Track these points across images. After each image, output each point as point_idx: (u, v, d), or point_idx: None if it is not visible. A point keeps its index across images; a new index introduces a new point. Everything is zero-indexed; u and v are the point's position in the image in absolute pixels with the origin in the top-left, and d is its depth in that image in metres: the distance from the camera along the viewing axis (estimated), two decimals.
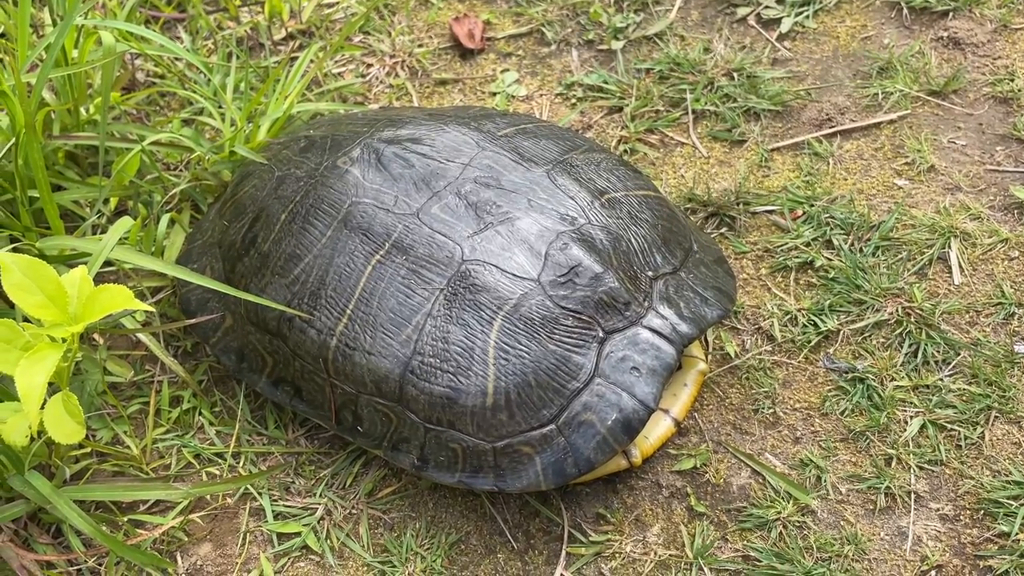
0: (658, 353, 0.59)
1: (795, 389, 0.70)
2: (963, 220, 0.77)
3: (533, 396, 0.58)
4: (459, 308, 0.59)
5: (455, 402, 0.58)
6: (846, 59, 0.92)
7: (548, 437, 0.58)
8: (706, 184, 0.83)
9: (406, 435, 0.60)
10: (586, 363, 0.59)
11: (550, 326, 0.59)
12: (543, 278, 0.60)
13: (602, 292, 0.60)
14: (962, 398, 0.67)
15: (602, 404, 0.58)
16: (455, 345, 0.59)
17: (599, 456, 0.58)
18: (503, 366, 0.58)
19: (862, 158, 0.83)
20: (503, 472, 0.59)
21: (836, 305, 0.73)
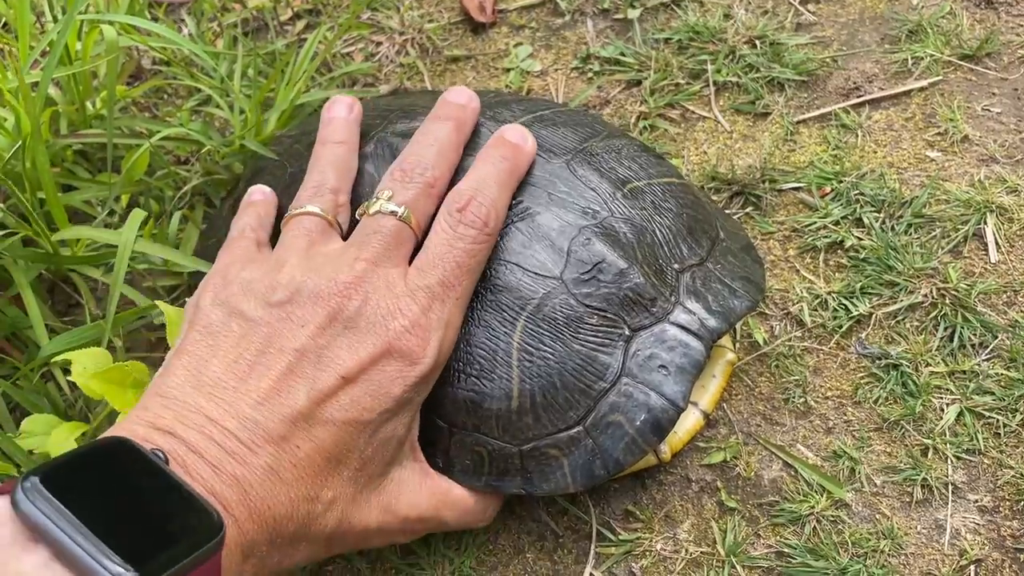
0: (686, 350, 0.58)
1: (826, 377, 0.68)
2: (999, 193, 0.74)
3: (559, 398, 0.57)
4: (480, 309, 0.58)
5: (480, 406, 0.57)
6: (873, 22, 0.88)
7: (575, 439, 0.57)
8: (730, 161, 0.80)
9: (431, 438, 0.59)
10: (612, 363, 0.57)
11: (574, 325, 0.57)
12: (566, 276, 0.58)
13: (627, 288, 0.58)
14: (1000, 384, 0.65)
15: (630, 404, 0.57)
16: (478, 348, 0.57)
17: (628, 457, 0.57)
18: (527, 368, 0.57)
19: (892, 129, 0.80)
20: (530, 475, 0.58)
21: (868, 287, 0.71)
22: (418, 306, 0.53)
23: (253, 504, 0.46)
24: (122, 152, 0.78)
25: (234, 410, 0.48)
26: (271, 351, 0.50)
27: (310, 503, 0.49)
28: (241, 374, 0.50)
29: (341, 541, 0.53)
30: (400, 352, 0.52)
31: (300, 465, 0.48)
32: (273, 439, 0.48)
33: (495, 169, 0.59)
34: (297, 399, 0.49)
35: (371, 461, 0.52)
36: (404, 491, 0.55)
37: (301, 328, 0.51)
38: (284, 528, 0.48)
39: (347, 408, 0.50)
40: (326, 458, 0.49)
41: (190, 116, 0.84)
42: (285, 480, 0.48)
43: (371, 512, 0.53)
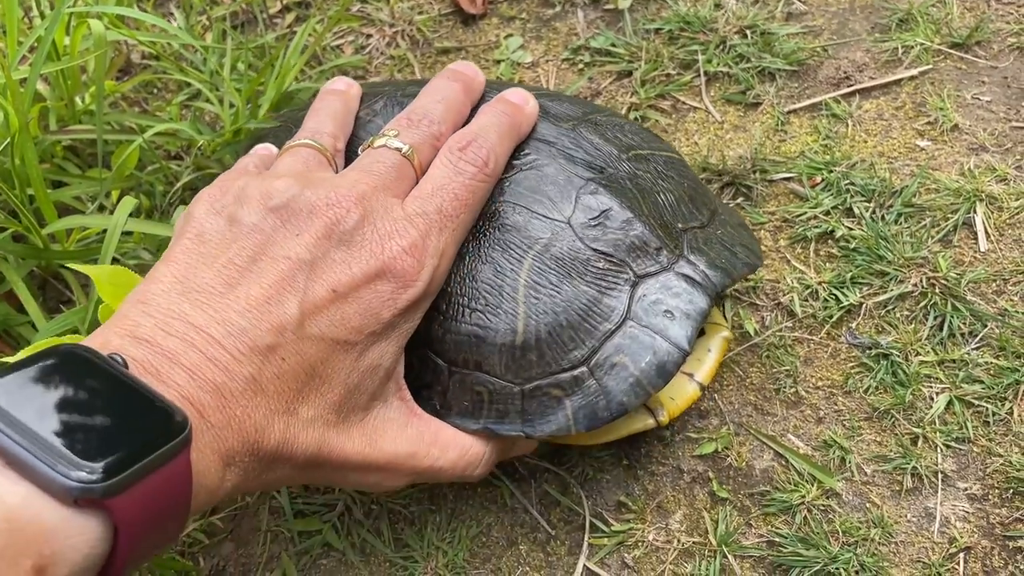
0: (691, 298, 0.57)
1: (817, 367, 0.68)
2: (989, 182, 0.74)
3: (564, 336, 0.56)
4: (488, 247, 0.57)
5: (483, 341, 0.56)
6: (863, 11, 0.88)
7: (579, 379, 0.56)
8: (721, 151, 0.80)
9: (428, 380, 0.58)
10: (618, 305, 0.57)
11: (581, 267, 0.57)
12: (574, 220, 0.58)
13: (633, 236, 0.58)
14: (989, 372, 0.65)
15: (635, 346, 0.56)
16: (484, 283, 0.57)
17: (632, 399, 0.55)
18: (533, 304, 0.56)
19: (882, 118, 0.80)
20: (531, 417, 0.56)
21: (858, 277, 0.71)
22: (416, 231, 0.52)
23: (232, 412, 0.45)
24: (112, 147, 0.78)
25: (221, 316, 0.46)
26: (264, 258, 0.49)
27: (289, 417, 0.47)
28: (231, 280, 0.48)
29: (321, 470, 0.51)
30: (394, 273, 0.50)
31: (283, 378, 0.47)
32: (259, 349, 0.46)
33: (496, 120, 0.59)
34: (288, 309, 0.47)
35: (356, 390, 0.51)
36: (389, 427, 0.53)
37: (296, 237, 0.50)
38: (263, 442, 0.46)
39: (336, 325, 0.49)
40: (310, 374, 0.48)
41: (180, 110, 0.84)
42: (267, 392, 0.46)
43: (352, 442, 0.51)
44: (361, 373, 0.51)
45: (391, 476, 0.54)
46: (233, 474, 0.46)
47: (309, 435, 0.49)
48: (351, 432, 0.51)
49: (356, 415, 0.52)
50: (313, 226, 0.50)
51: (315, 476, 0.53)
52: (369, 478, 0.54)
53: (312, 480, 0.53)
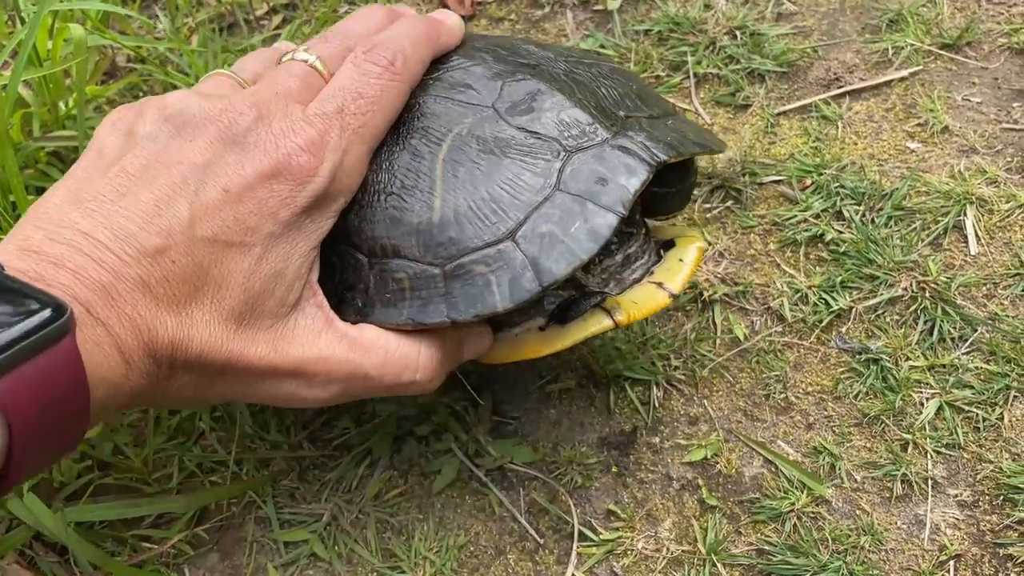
0: (628, 167, 0.53)
1: (807, 372, 0.68)
2: (979, 185, 0.74)
3: (486, 209, 0.52)
4: (406, 136, 0.55)
5: (399, 222, 0.53)
6: (854, 11, 0.88)
7: (504, 252, 0.52)
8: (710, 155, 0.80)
9: (351, 280, 0.55)
10: (547, 177, 0.53)
11: (505, 144, 0.54)
12: (499, 105, 0.55)
13: (565, 115, 0.54)
14: (980, 377, 0.65)
15: (565, 214, 0.52)
16: (401, 169, 0.54)
17: (562, 266, 0.51)
18: (452, 181, 0.53)
19: (872, 120, 0.80)
20: (455, 299, 0.52)
21: (848, 281, 0.70)
22: (314, 129, 0.51)
23: (121, 310, 0.44)
24: None
25: (109, 222, 0.46)
26: (156, 165, 0.48)
27: (182, 318, 0.46)
28: (122, 189, 0.48)
29: (227, 379, 0.50)
30: (291, 171, 0.49)
31: (173, 280, 0.46)
32: (147, 252, 0.46)
33: (408, 28, 0.57)
34: (178, 212, 0.47)
35: (259, 296, 0.49)
36: (299, 332, 0.51)
37: (189, 143, 0.49)
38: (157, 341, 0.45)
39: (230, 226, 0.48)
40: (203, 278, 0.47)
41: None
42: (156, 293, 0.46)
43: (255, 346, 0.49)
44: (263, 278, 0.49)
45: (306, 384, 0.52)
46: (136, 374, 0.45)
47: (204, 337, 0.47)
48: (255, 337, 0.49)
49: (262, 321, 0.50)
50: (207, 132, 0.50)
51: (226, 389, 0.50)
52: (282, 387, 0.52)
53: (226, 395, 0.51)
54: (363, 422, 0.69)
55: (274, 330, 0.50)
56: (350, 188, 0.53)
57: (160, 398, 0.49)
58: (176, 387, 0.49)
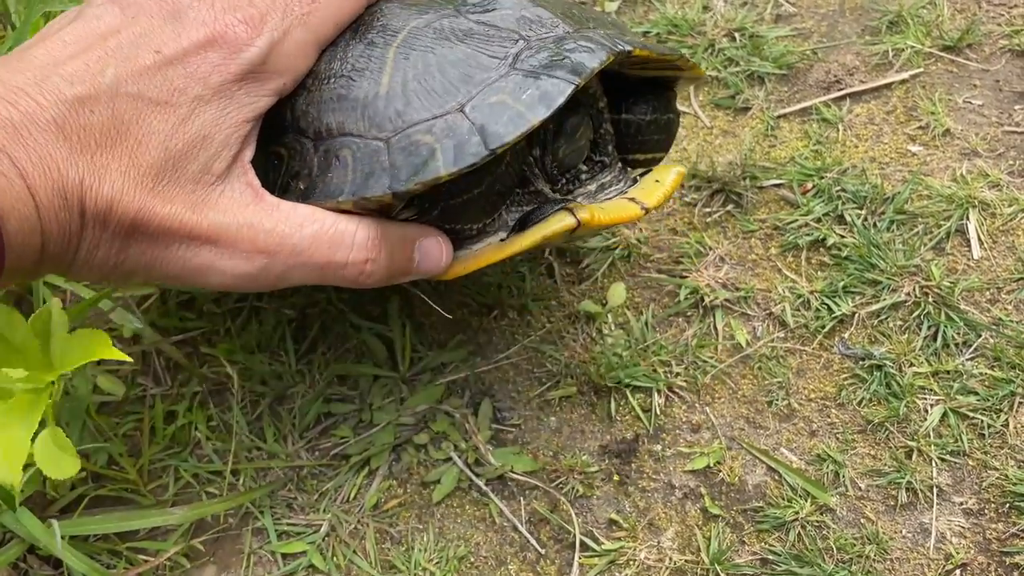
0: (589, 49, 0.51)
1: (810, 378, 0.67)
2: (981, 188, 0.73)
3: (435, 84, 0.50)
4: (364, 33, 0.54)
5: (345, 99, 0.52)
6: (853, 12, 0.87)
7: (451, 121, 0.49)
8: (710, 158, 0.79)
9: (296, 168, 0.53)
10: (502, 60, 0.51)
11: (463, 34, 0.52)
12: (461, 7, 0.54)
13: (527, 12, 0.53)
14: (984, 383, 0.64)
15: (517, 87, 0.50)
16: (354, 56, 0.53)
17: (510, 129, 0.48)
18: (403, 62, 0.51)
19: (873, 123, 0.79)
20: (398, 170, 0.50)
21: (850, 286, 0.70)
22: (255, 9, 0.51)
23: (31, 148, 0.44)
24: None
25: (34, 75, 0.46)
26: (92, 35, 0.49)
27: (94, 167, 0.46)
28: (55, 53, 0.48)
29: (141, 240, 0.48)
30: (225, 39, 0.49)
31: (90, 129, 0.46)
32: (66, 99, 0.46)
33: None
34: (105, 72, 0.47)
35: (181, 158, 0.48)
36: (224, 201, 0.49)
37: (131, 18, 0.50)
38: (67, 184, 0.45)
39: (158, 85, 0.48)
40: (121, 131, 0.47)
41: None
42: (71, 139, 0.45)
43: (171, 206, 0.48)
44: (186, 139, 0.48)
45: (226, 254, 0.49)
46: (47, 216, 0.45)
47: (117, 187, 0.46)
48: (171, 197, 0.48)
49: (183, 185, 0.49)
50: (149, 8, 0.50)
51: (141, 256, 0.49)
52: (199, 255, 0.49)
53: (141, 264, 0.49)
54: (361, 431, 0.68)
55: (195, 194, 0.49)
56: (290, 71, 0.52)
57: (77, 262, 0.48)
58: (89, 246, 0.47)
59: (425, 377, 0.70)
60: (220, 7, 0.51)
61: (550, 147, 0.56)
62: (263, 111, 0.52)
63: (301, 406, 0.69)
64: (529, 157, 0.56)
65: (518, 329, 0.72)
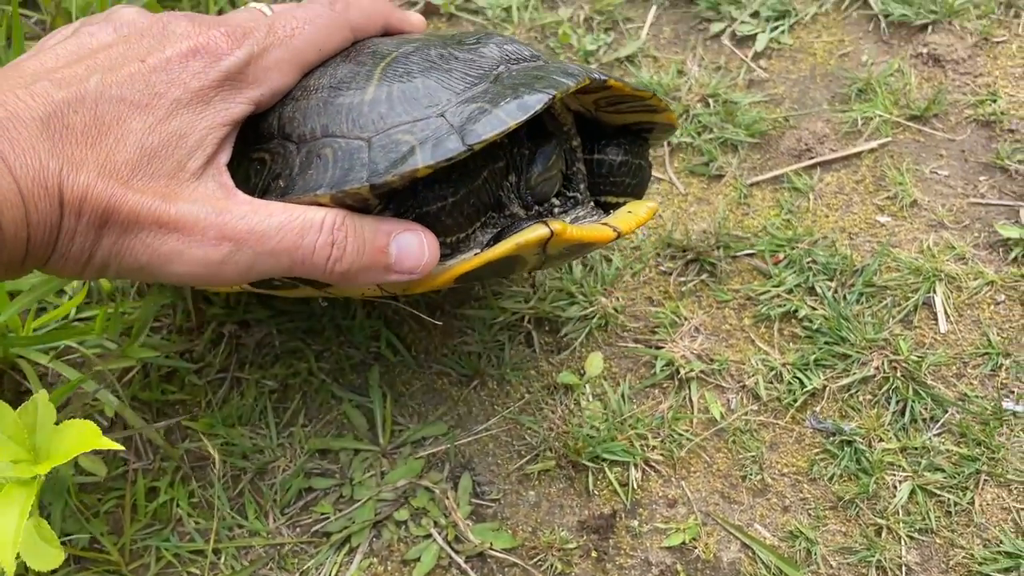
0: (566, 72, 0.54)
1: (782, 452, 0.69)
2: (947, 261, 0.75)
3: (418, 94, 0.53)
4: (355, 55, 0.58)
5: (330, 104, 0.54)
6: (824, 79, 0.89)
7: (431, 124, 0.52)
8: (685, 226, 0.81)
9: (278, 170, 0.55)
10: (484, 78, 0.54)
11: (449, 58, 0.55)
12: (448, 41, 0.58)
13: (509, 47, 0.57)
14: (951, 460, 0.66)
15: (496, 97, 0.52)
16: (341, 73, 0.56)
17: (487, 128, 0.50)
18: (389, 76, 0.54)
19: (843, 192, 0.81)
20: (376, 164, 0.51)
21: (821, 359, 0.71)
22: (240, 28, 0.54)
23: (18, 143, 0.47)
24: None
25: (23, 79, 0.50)
26: (85, 50, 0.53)
27: (72, 159, 0.48)
28: (47, 64, 0.52)
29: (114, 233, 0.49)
30: (207, 49, 0.53)
31: (72, 128, 0.49)
32: (53, 101, 0.49)
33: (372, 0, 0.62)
34: (91, 78, 0.50)
35: (156, 154, 0.50)
36: (195, 194, 0.51)
37: (122, 38, 0.54)
38: (48, 177, 0.47)
39: (140, 90, 0.50)
40: (104, 133, 0.49)
41: None
42: (53, 136, 0.48)
43: (142, 196, 0.49)
44: (162, 137, 0.51)
45: (195, 241, 0.50)
46: (32, 212, 0.47)
47: (92, 179, 0.48)
48: (144, 189, 0.50)
49: (157, 180, 0.50)
50: (142, 30, 0.54)
51: (113, 245, 0.50)
52: (167, 242, 0.50)
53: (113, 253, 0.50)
54: (342, 506, 0.68)
55: (168, 188, 0.50)
56: (267, 84, 0.55)
57: (55, 256, 0.49)
58: (65, 238, 0.49)
59: (406, 450, 0.71)
60: (207, 24, 0.55)
61: (524, 173, 0.58)
62: (239, 117, 0.54)
63: (282, 481, 0.70)
64: (505, 182, 0.58)
65: (497, 400, 0.74)
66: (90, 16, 0.58)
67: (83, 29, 0.55)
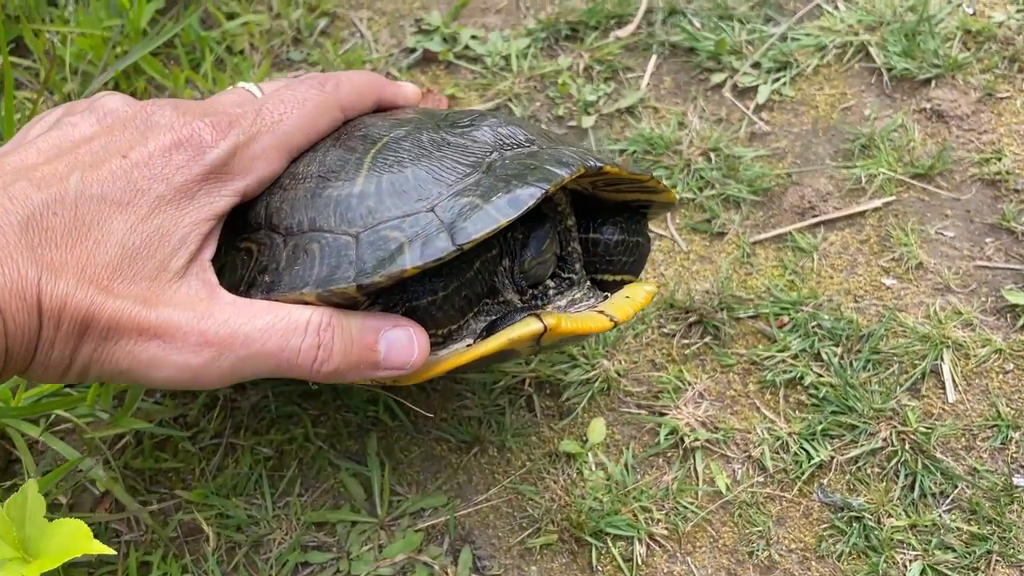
0: (560, 161, 0.53)
1: (790, 527, 0.67)
2: (955, 327, 0.74)
3: (408, 187, 0.51)
4: (345, 139, 0.56)
5: (318, 196, 0.53)
6: (826, 133, 0.89)
7: (421, 219, 0.50)
8: (688, 285, 0.79)
9: (264, 263, 0.53)
10: (476, 168, 0.52)
11: (440, 144, 0.54)
12: (441, 123, 0.57)
13: (503, 130, 0.55)
14: (961, 539, 0.65)
15: (488, 190, 0.51)
16: (331, 160, 0.55)
17: (478, 227, 0.49)
18: (379, 165, 0.53)
19: (847, 252, 0.80)
20: (364, 263, 0.50)
21: (828, 429, 0.70)
22: (226, 116, 0.53)
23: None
24: None
25: (3, 181, 0.48)
26: (67, 143, 0.52)
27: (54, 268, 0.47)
28: (30, 160, 0.50)
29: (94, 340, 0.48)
30: (191, 142, 0.51)
31: (51, 231, 0.47)
32: (33, 203, 0.47)
33: (354, 72, 0.61)
34: (71, 176, 0.49)
35: (138, 255, 0.49)
36: (178, 298, 0.49)
37: (104, 128, 0.52)
38: (25, 284, 0.46)
39: (121, 187, 0.49)
40: (84, 233, 0.48)
41: None
42: (32, 241, 0.47)
43: (122, 302, 0.47)
44: (144, 235, 0.49)
45: (176, 348, 0.48)
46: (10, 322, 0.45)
47: (70, 287, 0.47)
48: (124, 293, 0.48)
49: (138, 282, 0.49)
50: (124, 121, 0.53)
51: (93, 353, 0.48)
52: (149, 349, 0.48)
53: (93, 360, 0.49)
54: None
55: (149, 290, 0.49)
56: (254, 173, 0.54)
57: (34, 365, 0.48)
58: (45, 347, 0.48)
59: (404, 522, 0.69)
60: (192, 114, 0.53)
61: (518, 257, 0.57)
62: (224, 211, 0.53)
63: (278, 555, 0.68)
64: (499, 267, 0.57)
65: (498, 468, 0.72)
66: (74, 103, 0.56)
67: (65, 119, 0.53)
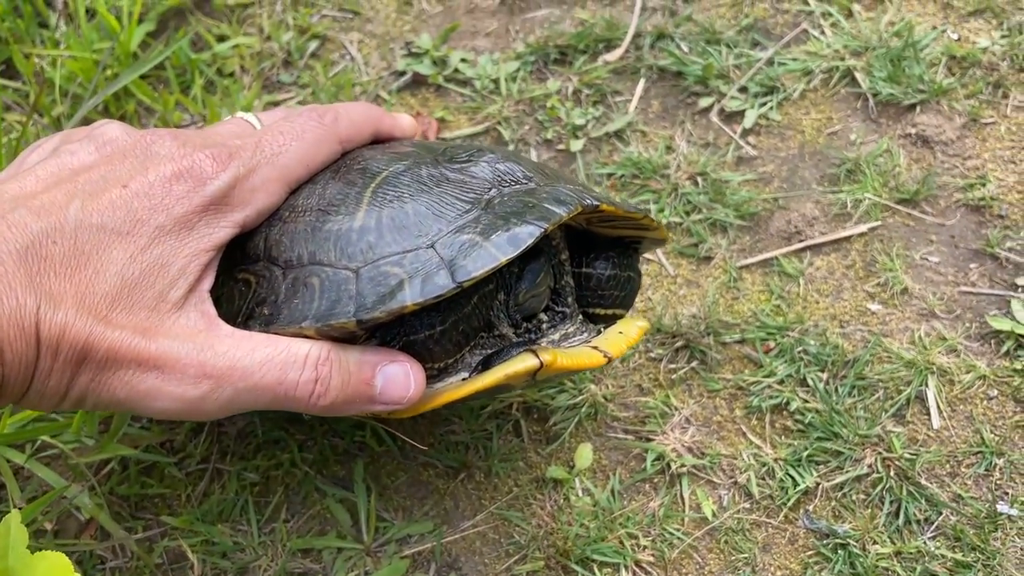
0: (558, 199, 0.54)
1: (776, 554, 0.67)
2: (939, 353, 0.75)
3: (408, 221, 0.52)
4: (344, 172, 0.57)
5: (318, 230, 0.53)
6: (812, 157, 0.89)
7: (421, 255, 0.51)
8: (675, 310, 0.80)
9: (263, 295, 0.53)
10: (475, 204, 0.53)
11: (439, 179, 0.54)
12: (439, 157, 0.57)
13: (501, 166, 0.56)
14: (946, 566, 0.65)
15: (487, 228, 0.51)
16: (331, 193, 0.55)
17: (478, 265, 0.49)
18: (379, 199, 0.53)
19: (833, 277, 0.81)
20: (364, 298, 0.50)
21: (814, 455, 0.71)
22: (226, 149, 0.53)
23: None
24: None
25: (2, 209, 0.48)
26: (66, 171, 0.52)
27: (50, 294, 0.47)
28: (29, 188, 0.50)
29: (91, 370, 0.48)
30: (191, 173, 0.52)
31: (50, 260, 0.47)
32: (32, 232, 0.47)
33: (352, 103, 0.62)
34: (70, 205, 0.49)
35: (137, 285, 0.49)
36: (176, 329, 0.49)
37: (104, 157, 0.52)
38: (24, 314, 0.45)
39: (121, 217, 0.49)
40: (83, 263, 0.48)
41: None
42: (31, 269, 0.47)
43: (121, 332, 0.47)
44: (143, 266, 0.49)
45: (175, 380, 0.49)
46: (8, 351, 0.45)
47: (69, 316, 0.47)
48: (122, 323, 0.48)
49: (136, 312, 0.49)
50: (124, 150, 0.53)
51: (90, 382, 0.48)
52: (147, 380, 0.48)
53: (90, 390, 0.49)
54: None
55: (148, 321, 0.49)
56: (253, 205, 0.54)
57: (30, 393, 0.48)
58: (42, 375, 0.48)
59: (391, 548, 0.69)
60: (192, 145, 0.53)
61: (512, 291, 0.57)
62: (223, 242, 0.53)
63: None
64: (495, 301, 0.57)
65: (485, 493, 0.72)
66: (72, 130, 0.56)
67: (64, 147, 0.53)
